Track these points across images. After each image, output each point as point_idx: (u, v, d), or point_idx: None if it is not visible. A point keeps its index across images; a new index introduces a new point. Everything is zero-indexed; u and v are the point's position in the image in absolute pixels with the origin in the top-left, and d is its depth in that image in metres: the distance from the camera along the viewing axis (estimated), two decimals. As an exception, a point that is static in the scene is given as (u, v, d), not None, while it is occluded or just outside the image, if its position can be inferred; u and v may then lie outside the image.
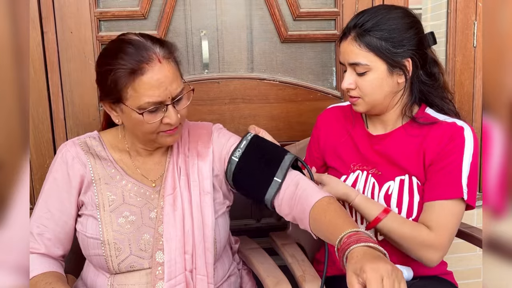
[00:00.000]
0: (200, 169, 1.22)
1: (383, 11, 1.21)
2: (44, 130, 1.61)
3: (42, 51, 1.57)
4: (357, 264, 0.85)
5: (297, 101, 1.75)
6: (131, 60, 1.05)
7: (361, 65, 1.19)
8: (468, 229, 1.45)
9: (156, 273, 1.13)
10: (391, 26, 1.18)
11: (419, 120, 1.25)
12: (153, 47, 1.08)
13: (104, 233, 1.14)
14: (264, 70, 1.73)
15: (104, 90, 1.11)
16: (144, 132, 1.12)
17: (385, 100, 1.24)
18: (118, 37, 1.13)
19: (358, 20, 1.20)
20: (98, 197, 1.17)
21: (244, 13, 1.69)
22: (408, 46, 1.19)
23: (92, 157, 1.20)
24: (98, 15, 1.60)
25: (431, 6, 2.41)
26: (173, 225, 1.15)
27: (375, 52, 1.18)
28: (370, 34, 1.18)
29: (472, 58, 1.85)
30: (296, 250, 1.38)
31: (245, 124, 1.73)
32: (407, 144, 1.26)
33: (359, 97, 1.24)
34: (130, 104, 1.08)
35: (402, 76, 1.21)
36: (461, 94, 1.86)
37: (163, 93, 1.07)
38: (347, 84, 1.23)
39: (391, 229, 1.21)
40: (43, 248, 1.15)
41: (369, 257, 0.86)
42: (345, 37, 1.22)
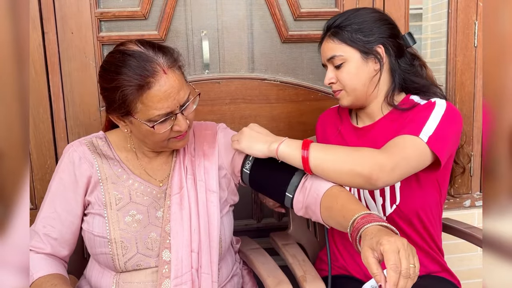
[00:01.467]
0: (206, 168, 1.23)
1: (352, 10, 1.32)
2: (45, 131, 1.61)
3: (43, 52, 1.57)
4: (373, 239, 0.88)
5: (298, 101, 1.75)
6: (136, 76, 1.04)
7: (336, 56, 1.27)
8: (469, 229, 1.45)
9: (163, 272, 1.13)
10: (360, 19, 1.28)
11: (401, 106, 1.29)
12: (156, 57, 1.06)
13: (111, 232, 1.14)
14: (264, 70, 1.73)
15: (111, 105, 1.10)
16: (155, 141, 1.13)
17: (364, 88, 1.29)
18: (118, 49, 1.10)
19: (329, 23, 1.31)
20: (105, 196, 1.17)
21: (244, 13, 1.69)
22: (378, 34, 1.27)
23: (99, 156, 1.20)
24: (99, 15, 1.60)
25: (431, 6, 2.41)
26: (180, 224, 1.16)
27: (347, 43, 1.27)
28: (342, 29, 1.27)
29: (473, 58, 1.85)
30: (297, 250, 1.38)
31: (246, 124, 1.71)
32: (391, 131, 1.27)
33: (341, 90, 1.31)
34: (139, 117, 1.08)
35: (375, 62, 1.27)
36: (462, 94, 1.86)
37: (172, 103, 1.07)
38: (328, 79, 1.31)
39: (323, 159, 1.12)
40: (49, 248, 1.16)
41: (384, 232, 0.89)
42: (324, 39, 1.33)
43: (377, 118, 1.33)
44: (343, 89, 1.30)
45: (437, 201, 1.31)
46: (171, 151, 1.26)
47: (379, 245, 0.86)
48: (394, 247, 0.85)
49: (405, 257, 0.84)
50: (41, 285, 1.08)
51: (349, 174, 1.10)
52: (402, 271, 0.83)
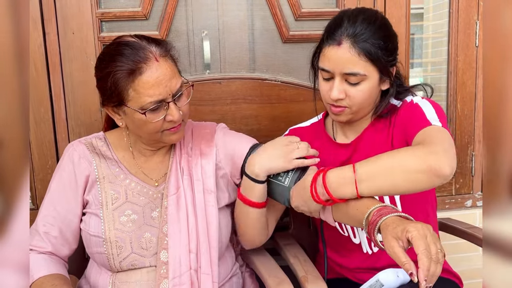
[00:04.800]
0: (203, 168, 1.23)
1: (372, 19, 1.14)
2: (46, 131, 1.61)
3: (44, 52, 1.57)
4: (396, 228, 0.89)
5: (299, 101, 1.75)
6: (128, 61, 1.07)
7: (359, 75, 1.12)
8: (470, 229, 1.45)
9: (161, 272, 1.14)
10: (383, 35, 1.14)
11: (383, 113, 1.23)
12: (149, 46, 1.10)
13: (106, 231, 1.15)
14: (265, 71, 1.73)
15: (105, 94, 1.12)
16: (148, 132, 1.13)
17: (368, 107, 1.21)
18: (114, 41, 1.14)
19: (354, 29, 1.12)
20: (101, 195, 1.18)
21: (245, 14, 1.69)
22: (395, 53, 1.18)
23: (98, 156, 1.22)
24: (100, 15, 1.60)
25: (432, 5, 2.41)
26: (177, 225, 1.16)
27: (372, 61, 1.12)
28: (368, 42, 1.11)
29: (474, 58, 1.85)
30: (298, 251, 1.38)
31: (247, 124, 1.73)
32: (378, 140, 1.24)
33: (346, 107, 1.17)
34: (132, 105, 1.09)
35: (387, 83, 1.19)
36: (463, 94, 1.86)
37: (164, 90, 1.08)
38: (338, 94, 1.14)
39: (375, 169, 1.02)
40: (50, 246, 1.17)
41: (406, 221, 0.90)
42: (337, 43, 1.12)
43: (361, 130, 1.26)
44: (349, 106, 1.16)
45: (433, 202, 1.31)
46: (168, 150, 1.26)
47: (407, 232, 0.87)
48: (422, 233, 0.86)
49: (433, 242, 0.86)
50: (41, 285, 1.09)
51: (409, 179, 0.99)
52: (433, 256, 0.83)
